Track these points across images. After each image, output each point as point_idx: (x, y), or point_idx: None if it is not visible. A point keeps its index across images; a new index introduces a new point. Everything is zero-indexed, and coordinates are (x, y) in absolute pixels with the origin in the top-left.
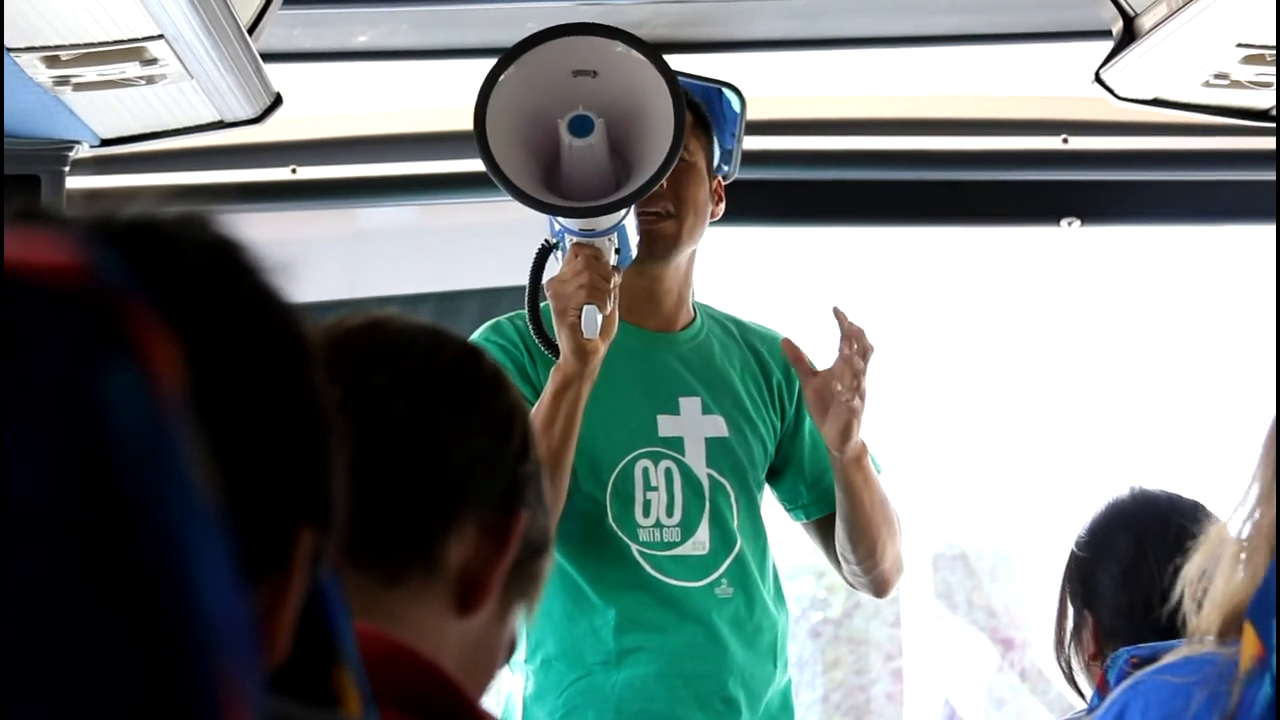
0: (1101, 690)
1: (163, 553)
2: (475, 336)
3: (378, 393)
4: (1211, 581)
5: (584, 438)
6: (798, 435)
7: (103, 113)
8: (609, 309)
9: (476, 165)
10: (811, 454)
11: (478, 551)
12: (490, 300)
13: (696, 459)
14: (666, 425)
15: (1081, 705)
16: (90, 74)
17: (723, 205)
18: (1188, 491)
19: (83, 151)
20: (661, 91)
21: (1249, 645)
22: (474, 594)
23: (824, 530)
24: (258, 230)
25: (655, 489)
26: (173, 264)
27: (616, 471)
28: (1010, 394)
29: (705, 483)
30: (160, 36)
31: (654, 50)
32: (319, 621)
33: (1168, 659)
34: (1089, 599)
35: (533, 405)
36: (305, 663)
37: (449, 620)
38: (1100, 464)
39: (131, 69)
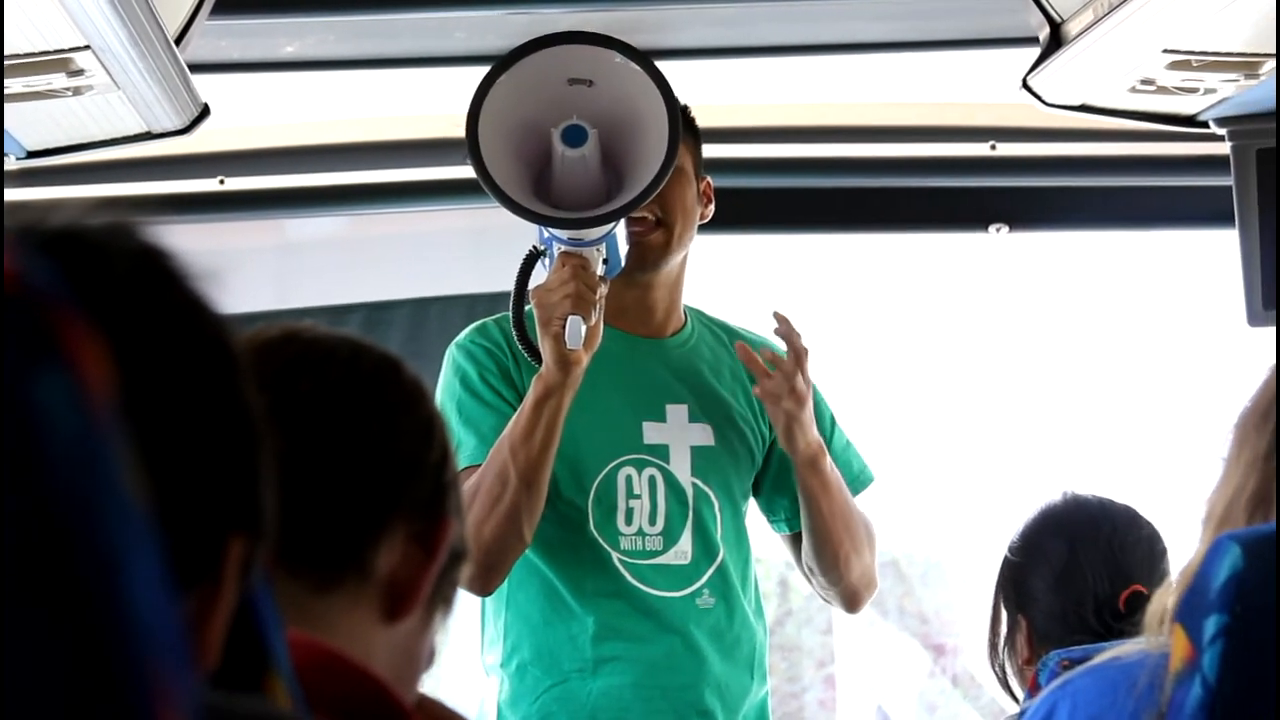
0: (1034, 694)
1: (97, 560)
2: (461, 339)
3: (304, 400)
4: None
5: (568, 443)
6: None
7: (29, 124)
8: (594, 320)
9: (406, 175)
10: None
11: (406, 559)
12: (419, 310)
13: (681, 467)
14: (652, 432)
15: (1015, 709)
16: (16, 85)
17: (712, 207)
18: (1119, 496)
19: (9, 164)
20: (657, 104)
21: (1179, 647)
22: (403, 601)
23: (799, 544)
24: (186, 241)
25: (638, 497)
26: (99, 272)
27: (600, 478)
28: (939, 400)
29: (690, 491)
30: (87, 47)
31: (651, 62)
32: (251, 630)
33: (1098, 660)
34: (1022, 603)
35: (512, 407)
36: (238, 671)
37: (377, 627)
38: (1031, 470)
39: (58, 80)
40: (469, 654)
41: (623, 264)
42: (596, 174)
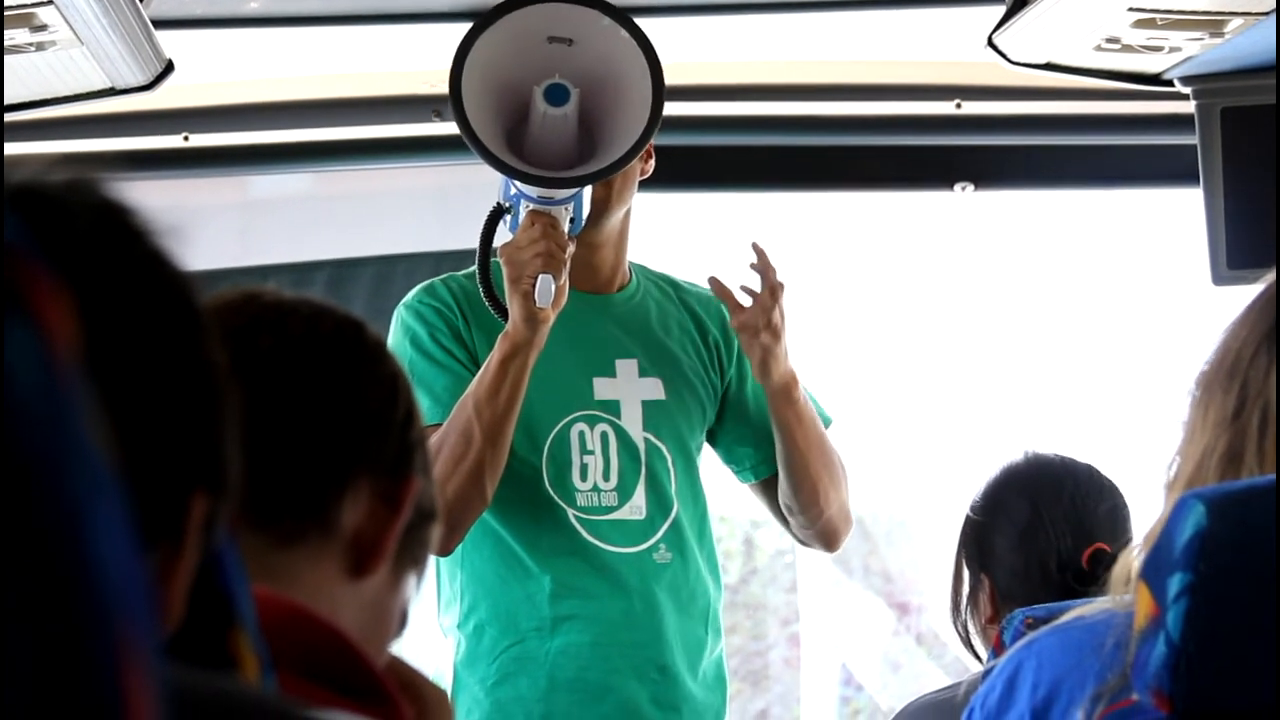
0: (998, 652)
1: (61, 515)
2: (409, 299)
3: (265, 356)
4: None
5: None
6: (741, 395)
7: None
8: (562, 278)
9: (371, 132)
10: (756, 413)
11: (371, 515)
12: (385, 267)
13: (633, 422)
14: (603, 388)
15: (978, 668)
16: None
17: (652, 162)
18: (1081, 456)
19: None
20: (639, 65)
21: (1143, 605)
22: (368, 557)
23: (770, 490)
24: (150, 198)
25: (592, 453)
26: (61, 227)
27: (553, 435)
28: (904, 359)
29: (642, 446)
30: (50, 2)
31: (636, 25)
32: (216, 585)
33: (1062, 619)
34: (985, 562)
35: (464, 367)
36: (202, 627)
37: (343, 583)
38: (995, 429)
39: (21, 35)
40: (425, 615)
41: (584, 224)
42: (574, 133)
